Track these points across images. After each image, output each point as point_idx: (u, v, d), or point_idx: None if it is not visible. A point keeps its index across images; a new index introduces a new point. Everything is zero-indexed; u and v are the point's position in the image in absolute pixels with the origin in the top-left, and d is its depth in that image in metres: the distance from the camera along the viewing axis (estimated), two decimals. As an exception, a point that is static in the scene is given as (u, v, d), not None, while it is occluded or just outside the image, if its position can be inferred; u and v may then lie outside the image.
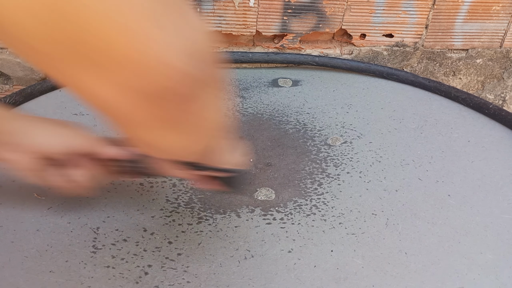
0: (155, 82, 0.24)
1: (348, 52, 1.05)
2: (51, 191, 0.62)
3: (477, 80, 1.16)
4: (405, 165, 0.73)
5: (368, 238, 0.60)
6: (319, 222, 0.62)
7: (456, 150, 0.77)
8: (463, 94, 0.90)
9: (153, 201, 0.62)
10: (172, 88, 0.25)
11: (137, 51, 0.22)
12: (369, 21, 1.01)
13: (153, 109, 0.26)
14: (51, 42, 0.22)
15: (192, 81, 0.26)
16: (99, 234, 0.57)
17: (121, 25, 0.21)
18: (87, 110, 0.80)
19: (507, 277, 0.56)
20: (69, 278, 0.52)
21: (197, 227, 0.59)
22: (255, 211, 0.63)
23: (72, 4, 0.20)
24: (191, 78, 0.26)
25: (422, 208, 0.65)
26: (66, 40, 0.21)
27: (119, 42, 0.22)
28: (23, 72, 0.97)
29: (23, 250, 0.54)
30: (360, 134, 0.79)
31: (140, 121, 0.27)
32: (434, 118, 0.85)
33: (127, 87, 0.24)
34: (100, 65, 0.23)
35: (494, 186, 0.70)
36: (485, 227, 0.62)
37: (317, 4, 0.97)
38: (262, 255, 0.56)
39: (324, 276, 0.54)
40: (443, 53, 1.09)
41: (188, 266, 0.54)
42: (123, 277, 0.52)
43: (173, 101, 0.26)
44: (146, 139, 0.31)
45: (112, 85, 0.24)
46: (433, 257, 0.58)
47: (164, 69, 0.24)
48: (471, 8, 1.03)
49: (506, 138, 0.81)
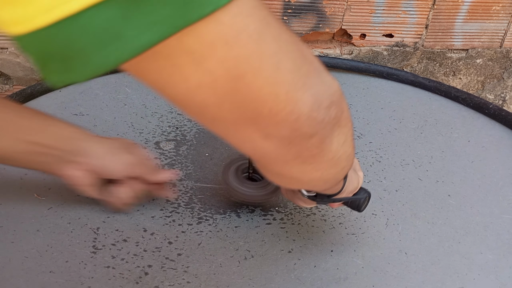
0: (300, 131, 0.31)
1: (348, 52, 1.05)
2: (51, 191, 0.62)
3: (477, 80, 1.16)
4: (405, 165, 0.73)
5: (368, 238, 0.60)
6: (319, 222, 0.62)
7: (456, 150, 0.77)
8: (463, 94, 0.90)
9: (153, 201, 0.62)
10: (312, 134, 0.32)
11: (290, 113, 0.29)
12: (369, 21, 1.01)
13: (293, 149, 0.32)
14: (226, 110, 0.29)
15: (330, 127, 0.33)
16: (99, 234, 0.57)
17: (278, 95, 0.29)
18: (87, 110, 0.80)
19: (507, 277, 0.56)
20: (69, 278, 0.52)
21: (197, 227, 0.59)
22: (255, 211, 0.63)
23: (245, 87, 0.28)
24: (329, 125, 0.32)
25: (422, 208, 0.65)
26: (237, 108, 0.29)
27: (276, 106, 0.29)
28: (23, 72, 0.97)
29: (23, 250, 0.54)
30: (360, 134, 0.79)
31: (283, 159, 0.34)
32: (434, 118, 0.85)
33: (278, 136, 0.31)
34: (259, 123, 0.30)
35: (494, 186, 0.70)
36: (485, 227, 0.62)
37: (317, 4, 0.97)
38: (262, 255, 0.56)
39: (324, 276, 0.54)
40: (443, 53, 1.09)
41: (188, 266, 0.54)
42: (123, 277, 0.52)
43: (313, 144, 0.33)
44: (284, 173, 0.37)
45: (266, 136, 0.31)
46: (433, 257, 0.58)
47: (308, 122, 0.31)
48: (471, 8, 1.03)
49: (506, 138, 0.81)
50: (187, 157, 0.71)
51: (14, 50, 0.94)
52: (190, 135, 0.76)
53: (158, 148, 0.72)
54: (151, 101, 0.84)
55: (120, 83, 0.89)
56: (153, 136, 0.75)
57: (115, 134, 0.75)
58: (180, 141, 0.75)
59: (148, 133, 0.76)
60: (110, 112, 0.80)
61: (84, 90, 0.86)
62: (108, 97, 0.84)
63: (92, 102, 0.83)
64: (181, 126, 0.78)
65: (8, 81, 0.99)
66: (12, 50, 0.94)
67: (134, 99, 0.85)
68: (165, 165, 0.69)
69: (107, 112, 0.80)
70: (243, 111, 0.29)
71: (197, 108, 0.29)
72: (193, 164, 0.70)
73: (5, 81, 0.99)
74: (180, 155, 0.71)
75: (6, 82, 0.99)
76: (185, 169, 0.69)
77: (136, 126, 0.77)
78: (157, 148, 0.72)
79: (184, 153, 0.72)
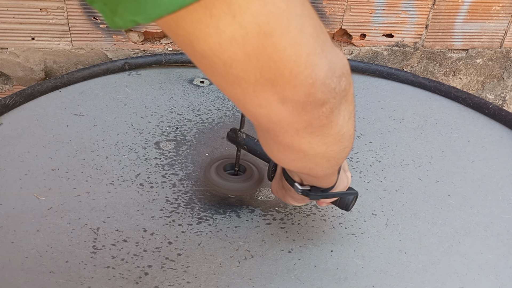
0: (314, 96, 0.32)
1: (348, 52, 1.05)
2: (51, 191, 0.62)
3: (477, 80, 1.16)
4: (405, 165, 0.73)
5: (368, 238, 0.60)
6: (319, 222, 0.62)
7: (456, 150, 0.77)
8: (463, 94, 0.90)
9: (153, 201, 0.62)
10: (324, 102, 0.33)
11: (307, 76, 0.31)
12: (369, 21, 1.01)
13: (305, 116, 0.33)
14: (250, 68, 0.30)
15: (339, 98, 0.34)
16: (99, 235, 0.57)
17: (299, 57, 0.30)
18: (87, 110, 0.80)
19: (507, 277, 0.56)
20: (69, 279, 0.51)
21: (197, 227, 0.59)
22: (255, 211, 0.63)
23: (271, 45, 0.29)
24: (339, 96, 0.34)
25: (422, 208, 0.65)
26: (261, 67, 0.30)
27: (296, 68, 0.30)
28: (23, 72, 0.97)
29: (23, 251, 0.54)
30: (360, 134, 0.79)
31: (294, 126, 0.34)
32: (434, 118, 0.85)
33: (293, 100, 0.32)
34: (279, 84, 0.31)
35: (494, 186, 0.70)
36: (485, 227, 0.62)
37: (317, 4, 0.97)
38: (262, 255, 0.56)
39: (324, 276, 0.54)
40: (443, 53, 1.09)
41: (188, 267, 0.54)
42: (123, 278, 0.52)
43: (324, 113, 0.34)
44: (293, 145, 0.37)
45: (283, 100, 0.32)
46: (433, 257, 0.58)
47: (322, 88, 0.32)
48: (471, 8, 1.03)
49: (506, 138, 0.81)
50: (187, 157, 0.71)
51: (14, 50, 0.94)
52: (190, 135, 0.76)
53: (158, 148, 0.72)
54: (151, 101, 0.84)
55: (120, 83, 0.89)
56: (153, 136, 0.75)
57: (115, 134, 0.75)
58: (180, 141, 0.75)
59: (148, 133, 0.76)
60: (110, 112, 0.80)
61: (84, 90, 0.86)
62: (108, 97, 0.84)
63: (92, 102, 0.83)
64: (181, 126, 0.78)
65: (8, 81, 0.99)
66: (12, 50, 0.94)
67: (134, 99, 0.85)
68: (165, 165, 0.69)
69: (107, 112, 0.80)
70: (266, 71, 0.30)
71: (222, 65, 0.30)
72: (193, 164, 0.70)
73: (5, 81, 0.99)
74: (180, 155, 0.71)
75: (6, 82, 0.99)
76: (185, 169, 0.69)
77: (136, 126, 0.77)
78: (157, 148, 0.72)
79: (184, 153, 0.72)
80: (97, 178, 0.66)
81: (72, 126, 0.76)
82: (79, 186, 0.64)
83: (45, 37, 0.94)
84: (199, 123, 0.80)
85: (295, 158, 0.40)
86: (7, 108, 0.78)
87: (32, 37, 0.94)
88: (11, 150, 0.69)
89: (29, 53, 0.95)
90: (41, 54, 0.96)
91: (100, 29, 0.95)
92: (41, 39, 0.94)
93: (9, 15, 0.90)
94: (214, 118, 0.81)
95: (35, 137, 0.73)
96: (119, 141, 0.73)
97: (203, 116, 0.82)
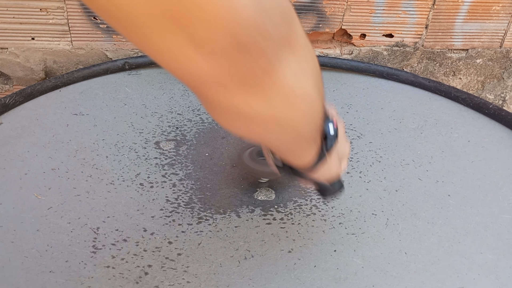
0: (238, 39, 0.25)
1: (348, 52, 1.05)
2: (51, 191, 0.62)
3: (477, 80, 1.16)
4: (405, 165, 0.73)
5: (368, 238, 0.60)
6: (319, 222, 0.62)
7: (456, 150, 0.77)
8: (463, 94, 0.90)
9: (153, 201, 0.62)
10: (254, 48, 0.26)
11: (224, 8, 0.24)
12: (369, 21, 1.01)
13: (233, 66, 0.27)
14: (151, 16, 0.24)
15: (278, 46, 0.27)
16: (99, 234, 0.57)
17: None
18: (87, 110, 0.80)
19: (507, 277, 0.55)
20: (69, 278, 0.51)
21: (197, 227, 0.59)
22: (255, 211, 0.63)
23: None
24: (276, 44, 0.27)
25: (422, 208, 0.65)
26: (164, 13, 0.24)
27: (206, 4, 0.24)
28: (23, 72, 0.97)
29: (23, 250, 0.54)
30: (360, 134, 0.79)
31: (221, 82, 0.28)
32: (434, 118, 0.85)
33: (210, 44, 0.25)
34: (186, 25, 0.24)
35: (494, 186, 0.70)
36: (485, 227, 0.62)
37: (317, 4, 0.97)
38: (262, 255, 0.56)
39: (324, 276, 0.54)
40: (443, 53, 1.09)
41: (188, 266, 0.54)
42: (123, 277, 0.52)
43: (260, 66, 0.27)
44: (228, 105, 0.31)
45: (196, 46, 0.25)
46: (433, 257, 0.58)
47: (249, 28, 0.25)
48: (471, 8, 1.03)
49: (506, 138, 0.81)
50: (187, 157, 0.71)
51: (14, 50, 0.94)
52: (190, 135, 0.76)
53: (158, 148, 0.72)
54: (151, 101, 0.84)
55: (120, 83, 0.89)
56: (153, 136, 0.75)
57: (115, 134, 0.75)
58: (180, 141, 0.75)
59: (148, 133, 0.76)
60: (110, 112, 0.80)
61: (84, 90, 0.86)
62: (108, 97, 0.84)
63: (92, 102, 0.83)
64: (181, 126, 0.78)
65: (8, 81, 0.99)
66: (12, 50, 0.94)
67: (134, 99, 0.85)
68: (165, 165, 0.69)
69: (107, 112, 0.80)
70: (166, 7, 0.24)
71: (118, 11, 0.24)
72: (193, 164, 0.70)
73: (5, 81, 0.99)
74: (180, 155, 0.71)
75: (6, 82, 0.99)
76: (185, 169, 0.69)
77: (136, 126, 0.77)
78: (157, 148, 0.72)
79: (184, 153, 0.72)
80: (97, 177, 0.66)
81: (72, 125, 0.76)
82: (79, 185, 0.64)
83: (45, 37, 0.94)
84: (199, 123, 0.80)
85: (242, 125, 0.34)
86: (7, 108, 0.78)
87: (32, 37, 0.94)
88: (11, 150, 0.69)
89: (29, 53, 0.95)
90: (41, 54, 0.96)
91: (100, 29, 0.95)
92: (41, 39, 0.94)
93: (9, 15, 0.90)
94: (214, 118, 0.81)
95: (35, 137, 0.73)
96: (119, 141, 0.73)
97: (203, 116, 0.82)
